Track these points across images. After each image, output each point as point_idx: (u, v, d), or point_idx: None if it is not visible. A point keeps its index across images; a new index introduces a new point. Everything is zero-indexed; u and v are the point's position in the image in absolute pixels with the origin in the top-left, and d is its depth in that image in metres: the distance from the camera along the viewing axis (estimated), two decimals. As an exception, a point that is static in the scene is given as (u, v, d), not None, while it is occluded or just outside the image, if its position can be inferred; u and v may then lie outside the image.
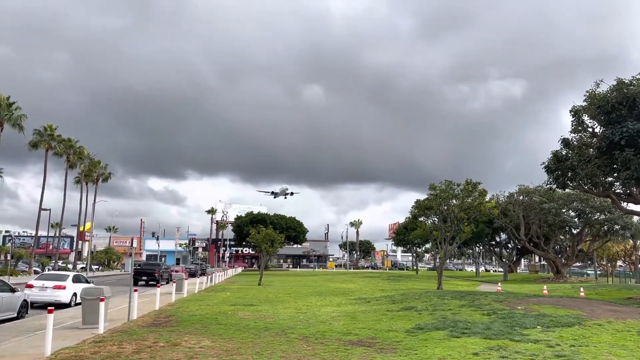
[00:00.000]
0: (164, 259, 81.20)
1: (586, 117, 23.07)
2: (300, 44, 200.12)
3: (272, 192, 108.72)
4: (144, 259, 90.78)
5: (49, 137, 52.85)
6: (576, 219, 47.41)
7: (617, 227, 45.51)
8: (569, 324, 12.24)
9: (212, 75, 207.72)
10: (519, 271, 77.44)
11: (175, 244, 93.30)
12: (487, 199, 30.28)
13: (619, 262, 72.68)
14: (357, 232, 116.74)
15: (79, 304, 15.10)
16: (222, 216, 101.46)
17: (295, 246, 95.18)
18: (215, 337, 11.13)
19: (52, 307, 10.10)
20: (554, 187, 25.60)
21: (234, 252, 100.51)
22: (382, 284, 37.08)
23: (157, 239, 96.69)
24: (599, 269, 61.36)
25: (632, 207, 26.75)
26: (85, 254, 73.85)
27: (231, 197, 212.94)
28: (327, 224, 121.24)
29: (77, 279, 21.29)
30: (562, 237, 53.49)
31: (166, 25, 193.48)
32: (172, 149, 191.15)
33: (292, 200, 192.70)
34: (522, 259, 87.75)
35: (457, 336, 10.90)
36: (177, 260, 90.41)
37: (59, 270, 48.23)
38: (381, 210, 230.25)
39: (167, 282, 37.18)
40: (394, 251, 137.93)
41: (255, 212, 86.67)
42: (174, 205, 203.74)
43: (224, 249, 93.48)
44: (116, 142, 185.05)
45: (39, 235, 56.18)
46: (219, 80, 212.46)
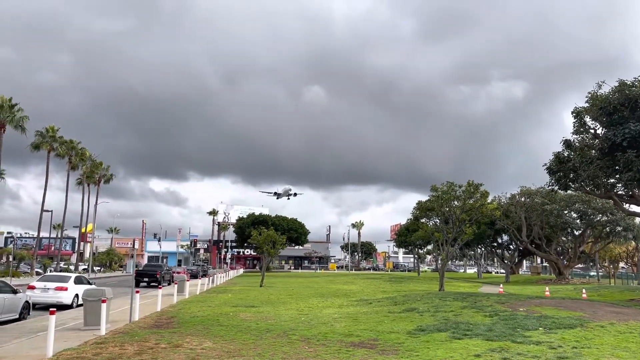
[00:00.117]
0: (165, 260, 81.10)
1: (588, 119, 23.05)
2: (302, 45, 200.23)
3: (274, 193, 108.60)
4: (145, 260, 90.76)
5: (51, 138, 52.93)
6: (578, 221, 47.36)
7: (619, 228, 45.40)
8: (571, 326, 12.21)
9: (214, 76, 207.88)
10: (520, 273, 77.20)
11: (176, 246, 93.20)
12: (489, 201, 30.35)
13: (621, 264, 72.52)
14: (359, 233, 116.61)
15: (81, 305, 15.15)
16: (224, 217, 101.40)
17: (296, 247, 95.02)
18: (217, 339, 11.14)
19: (54, 309, 10.11)
20: (556, 188, 25.58)
21: (236, 254, 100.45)
22: (384, 286, 37.10)
23: (159, 240, 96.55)
24: (601, 271, 61.20)
25: (634, 208, 26.78)
26: (87, 255, 73.88)
27: (233, 198, 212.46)
28: (329, 226, 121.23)
29: (79, 281, 21.35)
30: (564, 239, 53.36)
31: (168, 27, 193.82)
32: (174, 150, 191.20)
33: (294, 201, 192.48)
34: (524, 261, 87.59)
35: (459, 338, 10.89)
36: (179, 261, 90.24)
37: (60, 271, 48.18)
38: (383, 211, 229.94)
39: (169, 284, 37.23)
40: (396, 253, 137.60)
41: (256, 213, 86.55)
42: (175, 206, 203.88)
43: (226, 250, 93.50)
44: (118, 144, 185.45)
45: (41, 236, 56.35)
46: (220, 81, 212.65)
